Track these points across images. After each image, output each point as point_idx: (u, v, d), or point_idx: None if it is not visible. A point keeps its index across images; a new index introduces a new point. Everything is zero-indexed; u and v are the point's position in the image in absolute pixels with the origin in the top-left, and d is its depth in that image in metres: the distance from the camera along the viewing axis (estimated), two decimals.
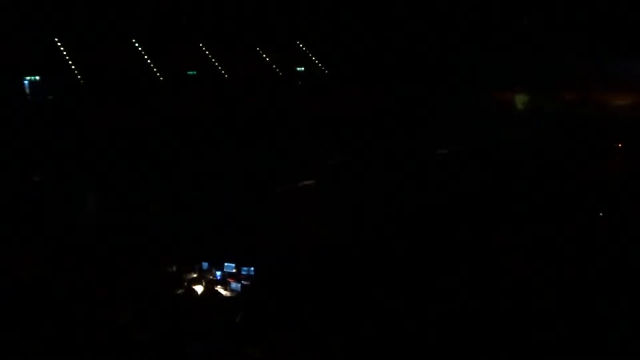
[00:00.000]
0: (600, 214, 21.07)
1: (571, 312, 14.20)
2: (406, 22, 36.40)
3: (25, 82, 27.19)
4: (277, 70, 35.71)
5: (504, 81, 34.98)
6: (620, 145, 29.04)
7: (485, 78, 34.91)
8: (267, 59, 35.95)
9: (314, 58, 37.46)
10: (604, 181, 24.39)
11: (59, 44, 29.52)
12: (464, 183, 23.82)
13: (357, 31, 36.61)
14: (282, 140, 27.91)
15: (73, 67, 29.04)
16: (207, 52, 34.12)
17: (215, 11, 34.46)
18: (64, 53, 29.39)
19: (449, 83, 34.63)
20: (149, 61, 31.71)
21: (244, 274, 16.52)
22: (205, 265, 16.77)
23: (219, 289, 16.27)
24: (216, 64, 33.81)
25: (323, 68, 37.18)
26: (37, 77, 27.52)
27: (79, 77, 28.83)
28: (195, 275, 16.68)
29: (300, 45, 37.76)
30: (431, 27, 36.27)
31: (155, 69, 31.47)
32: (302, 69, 36.71)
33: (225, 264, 16.63)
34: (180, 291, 16.02)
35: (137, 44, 32.08)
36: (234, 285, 16.24)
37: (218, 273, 16.65)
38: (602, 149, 28.57)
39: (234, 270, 16.60)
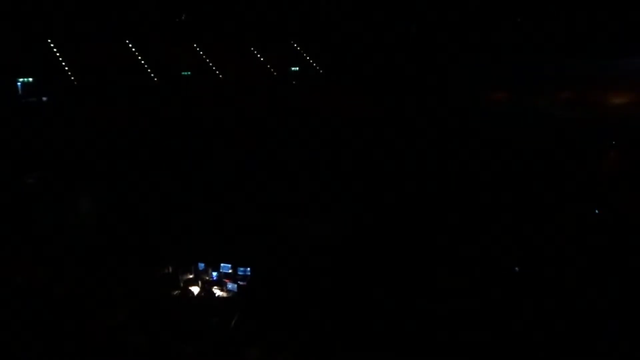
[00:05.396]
0: (597, 211, 21.14)
1: (569, 310, 14.21)
2: (402, 22, 36.42)
3: (19, 83, 27.08)
4: (272, 70, 35.68)
5: (502, 81, 35.02)
6: (614, 143, 29.13)
7: (482, 79, 34.95)
8: (262, 59, 35.91)
9: (308, 58, 37.44)
10: (600, 179, 24.46)
11: (52, 45, 29.41)
12: (463, 183, 23.81)
13: (352, 31, 36.60)
14: (279, 140, 27.87)
15: (67, 68, 28.94)
16: (201, 53, 34.06)
17: (210, 12, 34.41)
18: (58, 54, 29.29)
19: (445, 84, 34.63)
20: (143, 62, 31.62)
21: (240, 275, 16.48)
22: (201, 266, 16.72)
23: (216, 289, 16.23)
24: (210, 64, 33.75)
25: (318, 68, 37.16)
26: (31, 79, 27.41)
27: (72, 78, 28.73)
28: (191, 276, 16.65)
29: (295, 45, 37.73)
30: (427, 28, 36.30)
31: (149, 70, 31.39)
32: (297, 68, 36.68)
33: (222, 264, 16.59)
34: (176, 292, 15.99)
35: (131, 45, 32.00)
36: (231, 285, 16.20)
37: (214, 274, 16.61)
38: (597, 147, 28.63)
39: (230, 271, 16.57)
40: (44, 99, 27.35)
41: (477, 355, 12.86)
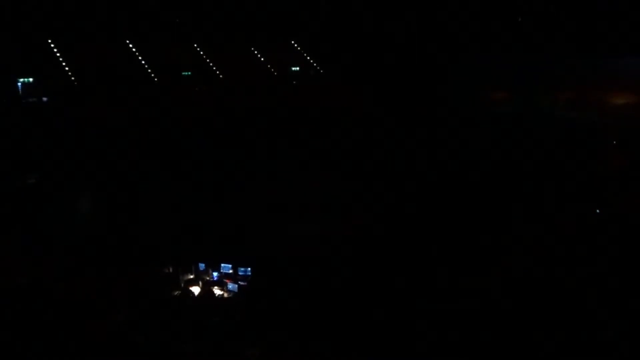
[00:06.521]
0: (597, 211, 21.14)
1: (569, 311, 14.20)
2: (403, 20, 36.38)
3: (19, 83, 27.06)
4: (272, 69, 35.66)
5: (502, 81, 34.99)
6: (615, 142, 29.12)
7: (482, 79, 34.92)
8: (262, 59, 35.88)
9: (308, 58, 37.41)
10: (601, 178, 24.46)
11: (52, 45, 29.39)
12: (463, 182, 23.81)
13: (353, 30, 36.57)
14: (278, 139, 27.86)
15: (67, 68, 28.91)
16: (201, 53, 34.04)
17: (210, 11, 34.39)
18: (57, 54, 29.26)
19: (445, 83, 34.61)
20: (143, 62, 31.60)
21: (240, 275, 16.48)
22: (202, 266, 16.72)
23: (216, 289, 16.23)
24: (211, 64, 33.73)
25: (318, 68, 37.12)
26: (31, 79, 27.39)
27: (72, 78, 28.71)
28: (192, 276, 16.65)
29: (295, 45, 37.71)
30: (427, 27, 36.25)
31: (149, 70, 31.37)
32: (297, 68, 36.65)
33: (222, 264, 16.59)
34: (177, 292, 15.99)
35: (131, 45, 31.97)
36: (231, 285, 16.21)
37: (215, 274, 16.62)
38: (598, 147, 28.63)
39: (230, 271, 16.57)
40: (44, 99, 27.34)
41: (477, 355, 12.85)
